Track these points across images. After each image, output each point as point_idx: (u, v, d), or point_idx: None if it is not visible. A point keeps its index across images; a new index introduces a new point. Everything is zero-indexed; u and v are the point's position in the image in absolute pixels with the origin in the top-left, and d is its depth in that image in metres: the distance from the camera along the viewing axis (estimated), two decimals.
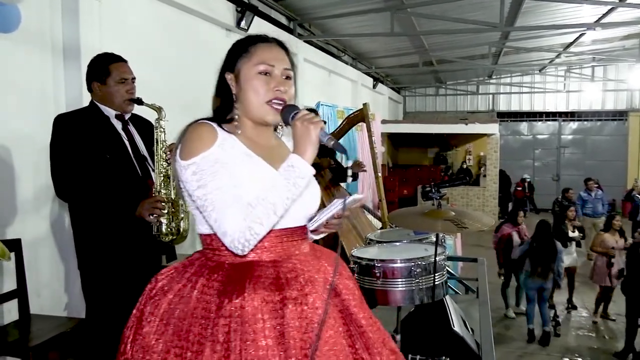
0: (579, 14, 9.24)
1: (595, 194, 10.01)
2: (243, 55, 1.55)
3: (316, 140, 1.45)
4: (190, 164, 1.44)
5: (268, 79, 1.53)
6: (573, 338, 6.38)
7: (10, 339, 2.76)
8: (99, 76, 2.62)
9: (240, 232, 1.39)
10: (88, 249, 2.60)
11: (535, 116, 17.13)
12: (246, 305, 1.39)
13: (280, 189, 1.41)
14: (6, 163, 3.04)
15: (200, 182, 1.42)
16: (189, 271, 1.52)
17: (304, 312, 1.42)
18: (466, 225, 2.27)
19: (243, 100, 1.55)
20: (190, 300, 1.44)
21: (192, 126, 1.51)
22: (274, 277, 1.46)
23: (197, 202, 1.45)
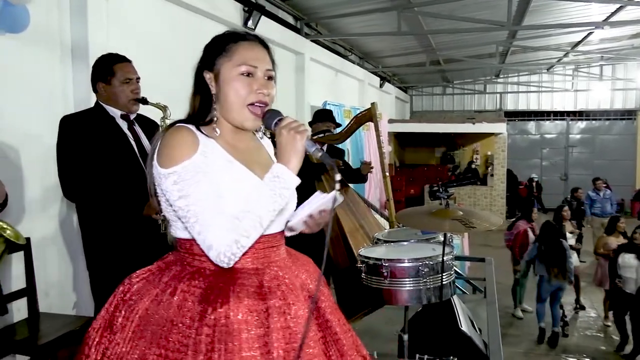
0: (587, 12, 9.19)
1: (603, 194, 9.96)
2: (223, 53, 1.48)
3: (302, 150, 1.39)
4: (171, 172, 1.37)
5: (250, 81, 1.46)
6: (581, 339, 6.35)
7: (19, 337, 2.78)
8: (103, 77, 2.63)
9: (226, 246, 1.34)
10: (96, 249, 2.62)
11: (543, 115, 17.06)
12: (231, 315, 1.35)
13: (265, 200, 1.36)
14: (15, 163, 3.06)
15: (182, 192, 1.36)
16: (166, 275, 1.46)
17: (287, 322, 1.39)
18: (474, 225, 2.26)
19: (222, 102, 1.48)
20: (170, 306, 1.38)
21: (171, 131, 1.44)
22: (257, 286, 1.43)
23: (179, 212, 1.39)
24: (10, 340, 2.74)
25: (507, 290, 6.94)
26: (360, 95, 10.74)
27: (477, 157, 14.75)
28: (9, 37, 2.97)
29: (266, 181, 1.38)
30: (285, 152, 1.39)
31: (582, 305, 7.25)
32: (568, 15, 9.27)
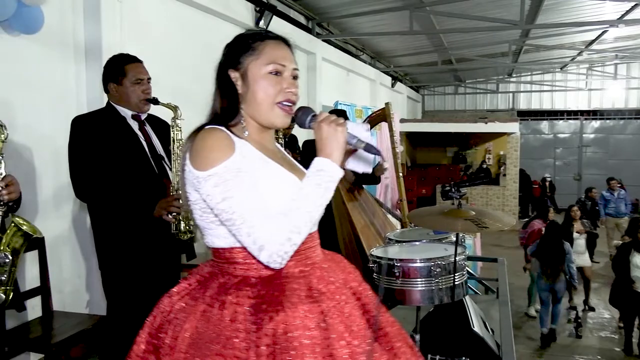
0: (602, 10, 9.11)
1: (618, 194, 9.86)
2: (250, 52, 1.45)
3: (344, 142, 1.39)
4: (211, 174, 1.32)
5: (279, 80, 1.45)
6: (595, 340, 6.28)
7: (33, 335, 2.81)
8: (114, 77, 2.63)
9: (279, 245, 1.30)
10: (108, 249, 2.63)
11: (556, 115, 16.91)
12: (289, 322, 1.30)
13: (313, 195, 1.34)
14: (29, 162, 3.09)
15: (225, 194, 1.31)
16: (210, 288, 1.40)
17: (344, 322, 1.37)
18: (487, 225, 2.24)
19: (250, 101, 1.45)
20: (222, 321, 1.32)
21: (204, 133, 1.39)
22: (307, 289, 1.39)
23: (222, 216, 1.34)
24: (24, 338, 2.77)
25: (519, 290, 6.89)
26: (372, 95, 10.72)
27: (490, 156, 14.65)
28: (24, 37, 3.01)
29: (311, 176, 1.37)
30: (326, 145, 1.38)
31: (591, 307, 7.18)
32: (582, 14, 9.19)
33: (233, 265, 1.41)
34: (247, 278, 1.39)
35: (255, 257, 1.34)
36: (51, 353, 2.64)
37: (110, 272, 2.66)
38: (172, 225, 2.59)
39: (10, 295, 2.02)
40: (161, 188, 2.63)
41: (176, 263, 2.83)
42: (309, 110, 1.48)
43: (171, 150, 2.65)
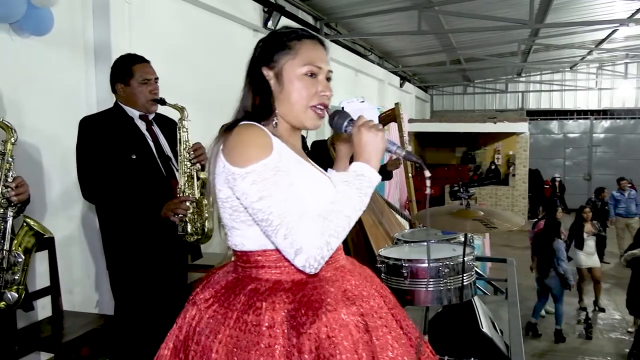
0: (612, 9, 9.04)
1: (628, 194, 9.79)
2: (286, 51, 1.41)
3: (383, 149, 1.38)
4: (249, 172, 1.27)
5: (314, 82, 1.41)
6: (605, 341, 6.24)
7: (44, 334, 2.83)
8: (122, 77, 2.64)
9: (317, 249, 1.26)
10: (116, 250, 2.64)
11: (566, 114, 16.80)
12: (331, 325, 1.27)
13: (354, 199, 1.32)
14: (39, 163, 3.11)
15: (263, 192, 1.26)
16: (240, 294, 1.33)
17: (383, 324, 1.37)
18: (495, 226, 2.23)
19: (284, 101, 1.41)
20: (259, 329, 1.26)
21: (242, 128, 1.33)
22: (342, 292, 1.37)
23: (258, 215, 1.28)
24: (35, 337, 2.79)
25: (528, 291, 6.85)
26: (380, 95, 10.70)
27: (499, 156, 14.60)
28: (33, 39, 3.03)
29: (351, 180, 1.34)
30: (365, 150, 1.37)
31: (601, 308, 7.14)
32: (592, 13, 9.13)
33: (263, 269, 1.36)
34: (279, 282, 1.34)
35: (290, 260, 1.29)
36: (61, 352, 2.66)
37: (118, 272, 2.67)
38: (179, 226, 2.59)
39: (23, 294, 2.05)
40: (168, 189, 2.63)
41: (183, 263, 2.84)
42: (345, 114, 1.45)
43: (178, 151, 2.65)
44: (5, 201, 2.05)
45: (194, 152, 2.64)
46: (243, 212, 1.33)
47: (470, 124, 13.81)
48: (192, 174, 2.63)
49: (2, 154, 2.09)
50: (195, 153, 2.64)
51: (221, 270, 1.48)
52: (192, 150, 2.64)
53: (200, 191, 2.65)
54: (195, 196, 2.63)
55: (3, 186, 2.05)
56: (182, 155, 2.63)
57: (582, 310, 6.88)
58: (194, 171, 2.63)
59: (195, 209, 2.61)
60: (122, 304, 2.69)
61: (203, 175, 2.67)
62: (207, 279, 1.49)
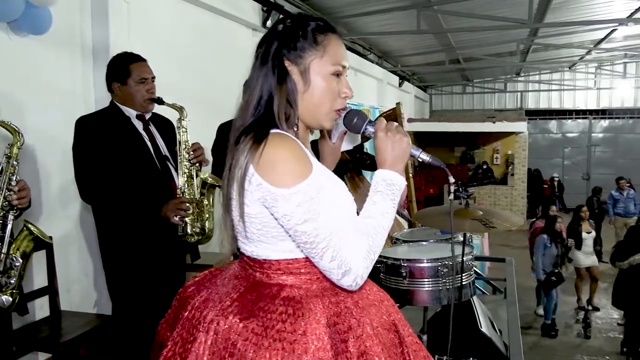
0: (611, 9, 9.05)
1: (627, 194, 9.81)
2: (314, 47, 1.28)
3: (409, 153, 1.34)
4: (294, 192, 1.17)
5: (338, 82, 1.31)
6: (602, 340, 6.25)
7: (42, 335, 2.82)
8: (119, 76, 2.60)
9: (365, 268, 1.23)
10: (113, 250, 2.61)
11: (564, 114, 16.84)
12: (365, 330, 1.24)
13: (390, 211, 1.29)
14: (37, 162, 3.10)
15: (309, 214, 1.18)
16: (275, 308, 1.23)
17: (406, 333, 1.35)
18: (494, 225, 2.23)
19: (307, 101, 1.30)
20: (305, 337, 1.19)
21: (277, 141, 1.21)
22: (364, 297, 1.34)
23: (302, 238, 1.20)
24: (32, 337, 2.78)
25: (527, 290, 6.86)
26: (379, 95, 10.70)
27: (498, 156, 14.62)
28: (32, 38, 3.02)
29: (384, 190, 1.29)
30: (390, 155, 1.32)
31: (595, 307, 7.16)
32: (591, 12, 9.13)
33: (291, 275, 1.29)
34: (310, 289, 1.28)
35: (334, 280, 1.24)
36: (59, 353, 2.65)
37: (114, 273, 2.65)
38: (179, 227, 2.57)
39: (17, 298, 2.03)
40: (167, 189, 2.61)
41: (181, 263, 2.82)
42: (363, 115, 1.38)
43: (177, 152, 2.63)
44: (7, 204, 2.04)
45: (193, 152, 2.62)
46: (275, 228, 1.24)
47: (469, 123, 13.83)
48: (191, 174, 2.61)
49: (7, 157, 2.08)
50: (195, 153, 2.62)
51: (230, 274, 1.40)
52: (191, 150, 2.62)
53: (200, 191, 2.64)
54: (195, 196, 2.61)
55: (6, 189, 2.04)
56: (182, 156, 2.61)
57: (581, 310, 6.89)
58: (193, 171, 2.61)
59: (195, 209, 2.59)
60: (119, 304, 2.68)
61: (202, 175, 2.66)
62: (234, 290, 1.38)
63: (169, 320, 1.45)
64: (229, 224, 1.33)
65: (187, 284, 1.47)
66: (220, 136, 3.22)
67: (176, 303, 1.45)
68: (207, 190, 2.68)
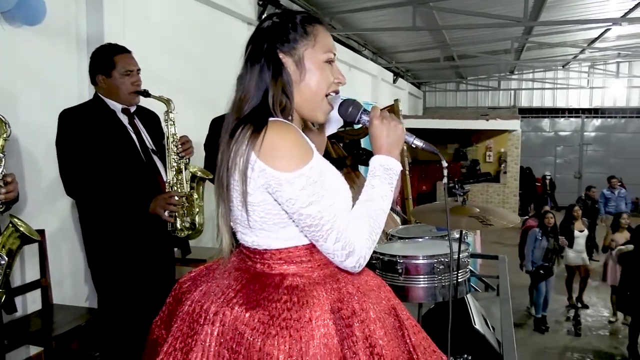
0: (605, 8, 9.07)
1: (618, 192, 9.87)
2: (305, 37, 1.31)
3: (403, 140, 1.38)
4: (298, 176, 1.19)
5: (331, 69, 1.35)
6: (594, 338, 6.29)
7: (33, 328, 2.80)
8: (103, 68, 2.52)
9: (367, 249, 1.27)
10: (97, 245, 2.55)
11: (557, 112, 16.91)
12: (369, 314, 1.27)
13: (388, 194, 1.33)
14: (32, 155, 3.07)
15: (313, 197, 1.20)
16: (279, 297, 1.25)
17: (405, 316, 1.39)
18: (491, 223, 2.23)
19: (303, 92, 1.32)
20: (311, 323, 1.20)
21: (278, 128, 1.23)
22: (363, 282, 1.37)
23: (306, 221, 1.22)
24: (24, 331, 2.76)
25: (519, 288, 6.89)
26: (374, 91, 10.70)
27: (490, 154, 14.66)
28: (26, 29, 2.99)
29: (382, 174, 1.33)
30: (386, 142, 1.35)
31: (584, 304, 7.22)
32: (585, 11, 9.16)
33: (292, 264, 1.30)
34: (311, 277, 1.30)
35: (337, 262, 1.27)
36: (51, 346, 2.63)
37: (99, 268, 2.58)
38: (168, 223, 2.52)
39: (3, 297, 1.96)
40: (153, 183, 2.56)
41: (169, 258, 2.76)
42: (358, 103, 1.41)
43: (165, 145, 2.57)
44: None
45: (181, 145, 2.56)
46: (277, 215, 1.26)
47: (463, 120, 13.86)
48: (180, 168, 2.56)
49: None
50: (183, 146, 2.57)
51: (216, 267, 1.42)
52: (179, 143, 2.56)
53: (190, 185, 2.59)
54: (185, 190, 2.56)
55: None
56: (170, 149, 2.55)
57: (571, 308, 6.94)
58: (182, 165, 2.56)
59: (185, 203, 2.55)
60: (105, 299, 2.62)
61: (192, 169, 2.61)
62: (197, 276, 1.43)
63: (164, 318, 1.45)
64: (227, 217, 1.33)
65: (182, 280, 1.46)
66: (213, 131, 3.18)
67: (171, 300, 1.45)
68: (196, 184, 2.62)
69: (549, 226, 6.67)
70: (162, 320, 1.44)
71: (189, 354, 1.24)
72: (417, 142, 1.40)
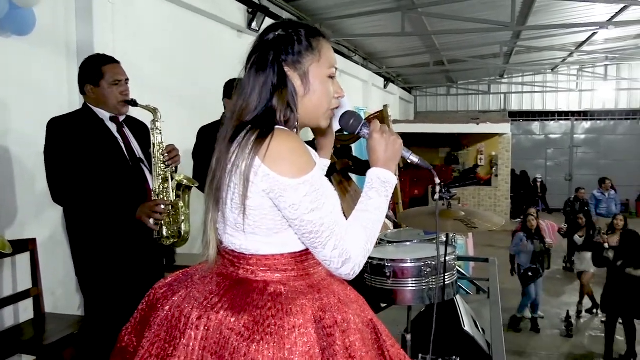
0: (592, 12, 9.18)
1: (608, 194, 9.95)
2: (310, 51, 1.34)
3: (400, 154, 1.42)
4: (302, 183, 1.23)
5: (333, 84, 1.39)
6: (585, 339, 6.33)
7: (26, 337, 2.80)
8: (91, 78, 2.54)
9: (363, 257, 1.31)
10: (85, 254, 2.55)
11: (547, 116, 17.04)
12: (349, 325, 1.29)
13: (383, 206, 1.37)
14: (23, 163, 3.08)
15: (315, 204, 1.24)
16: (264, 303, 1.26)
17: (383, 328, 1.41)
18: (476, 225, 2.27)
19: (306, 104, 1.35)
20: (294, 330, 1.22)
21: (283, 136, 1.26)
22: (342, 293, 1.39)
23: (307, 227, 1.25)
24: (16, 340, 2.76)
25: (511, 290, 6.93)
26: (365, 96, 10.74)
27: (482, 157, 14.73)
28: (16, 39, 3.00)
29: (379, 187, 1.37)
30: (384, 155, 1.39)
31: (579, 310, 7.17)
32: (572, 16, 9.26)
33: (277, 271, 1.32)
34: (295, 286, 1.32)
35: (333, 269, 1.31)
36: (43, 355, 2.64)
37: (87, 278, 2.58)
38: (154, 231, 2.53)
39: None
40: (141, 192, 2.57)
41: (158, 266, 2.76)
42: (358, 116, 1.46)
43: (151, 153, 2.58)
44: None
45: (168, 154, 2.58)
46: (272, 221, 1.28)
47: (454, 124, 13.91)
48: (166, 177, 2.57)
49: None
50: (170, 155, 2.58)
51: (194, 272, 1.42)
52: (166, 152, 2.58)
53: (176, 193, 2.60)
54: (171, 199, 2.57)
55: None
56: (156, 158, 2.56)
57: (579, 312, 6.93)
58: (168, 173, 2.57)
59: (171, 211, 2.55)
60: (93, 307, 2.62)
61: (178, 178, 2.63)
62: (173, 282, 1.43)
63: (135, 325, 1.44)
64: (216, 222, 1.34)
65: (157, 286, 1.45)
66: (202, 139, 3.19)
67: (144, 307, 1.43)
68: (182, 192, 2.63)
69: (532, 229, 6.71)
70: (133, 327, 1.44)
71: (168, 359, 1.24)
72: (413, 157, 1.46)
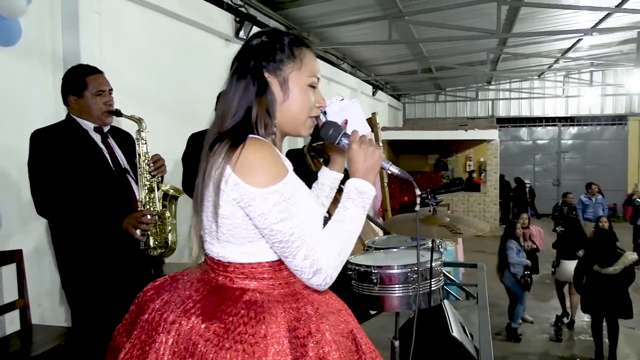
0: (576, 19, 9.29)
1: (595, 199, 10.03)
2: (292, 59, 1.36)
3: (379, 165, 1.41)
4: (271, 192, 1.23)
5: (314, 93, 1.40)
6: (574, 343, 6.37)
7: (12, 349, 2.78)
8: (75, 89, 2.53)
9: (334, 269, 1.30)
10: (71, 266, 2.52)
11: (534, 121, 17.20)
12: (324, 337, 1.27)
13: (360, 217, 1.36)
14: (9, 174, 3.07)
15: (284, 214, 1.24)
16: (237, 311, 1.26)
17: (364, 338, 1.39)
18: (460, 231, 2.28)
19: (285, 111, 1.36)
20: (266, 339, 1.22)
21: (255, 145, 1.27)
22: (323, 303, 1.38)
23: (277, 237, 1.26)
24: (3, 352, 2.74)
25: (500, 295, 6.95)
26: None
27: (471, 163, 14.81)
28: (1, 50, 3.00)
29: (356, 198, 1.37)
30: (362, 166, 1.39)
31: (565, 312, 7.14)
32: (557, 23, 9.37)
33: (254, 279, 1.33)
34: (271, 294, 1.32)
35: (304, 279, 1.30)
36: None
37: (74, 290, 2.55)
38: (141, 242, 2.51)
39: None
40: (127, 202, 2.55)
41: (146, 277, 2.66)
42: (339, 126, 1.46)
43: (137, 164, 2.56)
44: None
45: (153, 164, 2.56)
46: (245, 230, 1.29)
47: (442, 131, 14.01)
48: (152, 187, 2.55)
49: None
50: (155, 165, 2.57)
51: (180, 277, 1.44)
52: (151, 162, 2.56)
53: (162, 203, 2.58)
54: (157, 209, 2.55)
55: None
56: (142, 168, 2.55)
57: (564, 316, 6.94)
58: (154, 183, 2.56)
59: (157, 222, 2.54)
60: (79, 318, 2.59)
61: (164, 188, 2.61)
62: (161, 285, 1.44)
63: (126, 325, 1.46)
64: (198, 227, 1.37)
65: (146, 288, 1.47)
66: (191, 146, 3.18)
67: (134, 308, 1.46)
68: (168, 202, 2.62)
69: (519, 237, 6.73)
70: (124, 328, 1.46)
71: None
72: (393, 168, 1.45)
